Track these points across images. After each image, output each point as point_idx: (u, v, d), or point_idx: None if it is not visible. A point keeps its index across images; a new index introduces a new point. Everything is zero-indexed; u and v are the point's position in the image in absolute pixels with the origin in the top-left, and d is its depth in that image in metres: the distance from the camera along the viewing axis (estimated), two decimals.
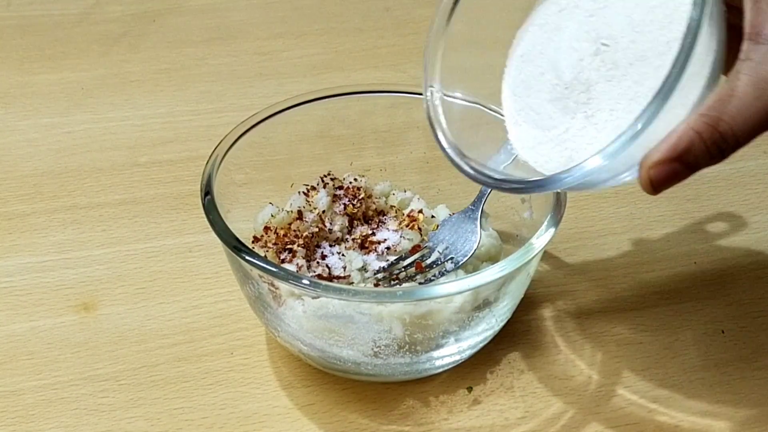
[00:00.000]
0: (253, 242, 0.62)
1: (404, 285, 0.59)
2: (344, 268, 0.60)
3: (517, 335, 0.63)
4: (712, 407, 0.59)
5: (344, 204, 0.64)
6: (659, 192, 0.47)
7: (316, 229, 0.62)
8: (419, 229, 0.63)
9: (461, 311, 0.56)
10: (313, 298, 0.55)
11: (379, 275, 0.60)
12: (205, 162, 0.61)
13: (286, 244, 0.61)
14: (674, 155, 0.46)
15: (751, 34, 0.46)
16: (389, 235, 0.63)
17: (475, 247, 0.61)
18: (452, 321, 0.56)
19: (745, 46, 0.46)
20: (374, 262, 0.61)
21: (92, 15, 0.98)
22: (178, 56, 0.92)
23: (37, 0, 1.00)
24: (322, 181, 0.65)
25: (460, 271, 0.60)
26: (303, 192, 0.65)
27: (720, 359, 0.62)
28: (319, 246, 0.62)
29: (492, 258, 0.62)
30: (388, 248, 0.62)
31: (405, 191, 0.67)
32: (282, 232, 0.62)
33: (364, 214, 0.65)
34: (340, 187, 0.65)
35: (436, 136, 0.55)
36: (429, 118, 0.55)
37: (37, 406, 0.59)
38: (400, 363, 0.57)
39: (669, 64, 0.44)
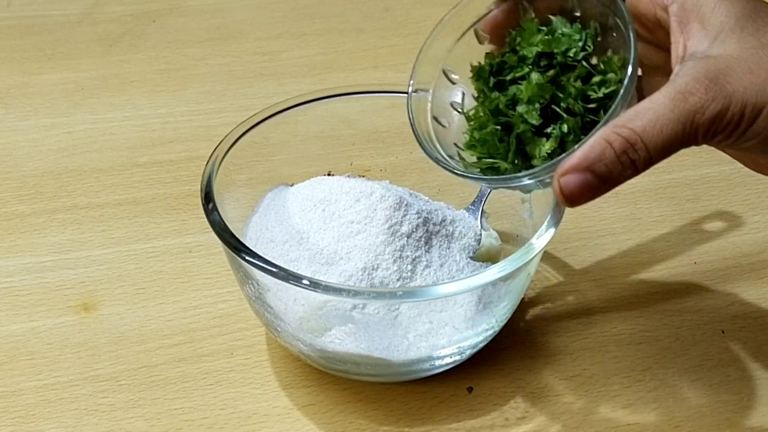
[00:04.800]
0: None
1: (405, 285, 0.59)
2: None
3: (517, 335, 0.63)
4: (712, 407, 0.59)
5: None
6: (576, 205, 0.47)
7: None
8: None
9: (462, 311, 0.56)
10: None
11: None
12: (205, 162, 0.61)
13: None
14: (585, 164, 0.45)
15: (682, 57, 0.47)
16: None
17: (476, 246, 0.61)
18: (453, 321, 0.57)
19: (675, 69, 0.47)
20: None
21: (92, 15, 0.98)
22: (178, 56, 0.92)
23: (37, 0, 1.00)
24: None
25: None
26: None
27: (720, 359, 0.62)
28: None
29: (492, 258, 0.62)
30: None
31: None
32: None
33: None
34: None
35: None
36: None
37: (37, 406, 0.59)
38: (401, 363, 0.57)
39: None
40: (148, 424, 0.58)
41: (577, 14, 0.53)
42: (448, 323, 0.57)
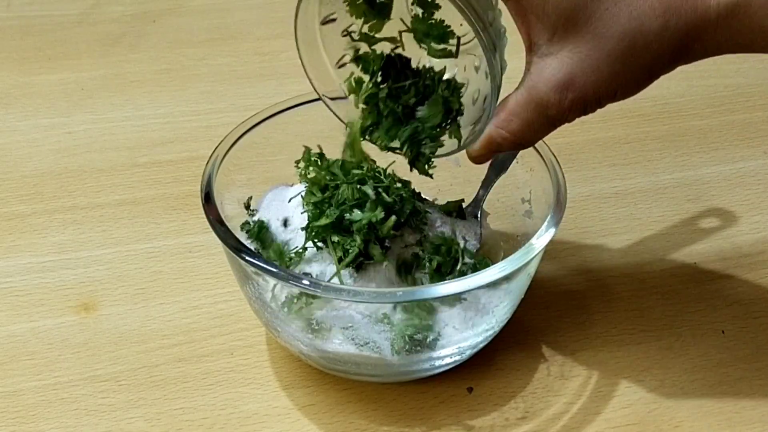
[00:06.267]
0: None
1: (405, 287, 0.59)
2: None
3: (517, 335, 0.63)
4: (712, 407, 0.59)
5: None
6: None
7: None
8: None
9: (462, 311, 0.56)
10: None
11: None
12: (205, 162, 0.61)
13: None
14: (485, 151, 0.54)
15: (529, 46, 0.50)
16: None
17: (477, 246, 0.61)
18: (453, 321, 0.56)
19: (527, 57, 0.50)
20: None
21: (92, 15, 0.98)
22: (178, 56, 0.92)
23: (37, 0, 1.00)
24: None
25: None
26: None
27: (720, 359, 0.63)
28: None
29: (492, 258, 0.62)
30: None
31: None
32: None
33: None
34: None
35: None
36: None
37: (38, 406, 0.59)
38: (401, 363, 0.57)
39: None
40: (148, 425, 0.58)
41: None
42: (448, 323, 0.57)
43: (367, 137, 0.58)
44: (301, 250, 0.58)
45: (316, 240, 0.57)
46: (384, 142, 0.57)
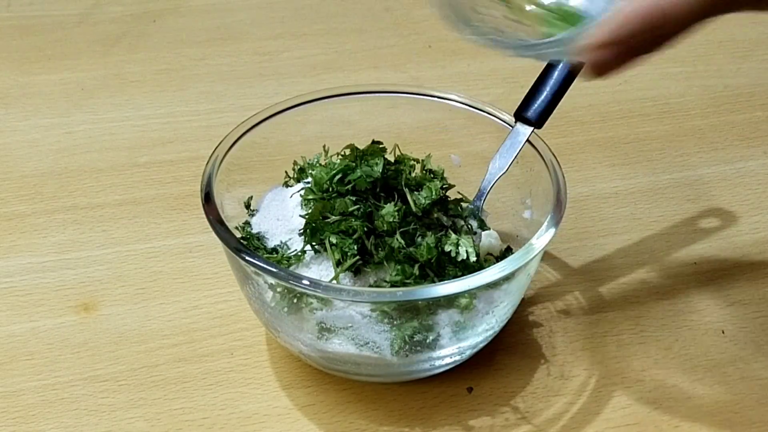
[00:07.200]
0: None
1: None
2: None
3: (517, 335, 0.63)
4: (712, 407, 0.59)
5: None
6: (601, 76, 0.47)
7: None
8: None
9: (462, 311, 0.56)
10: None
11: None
12: (205, 162, 0.61)
13: None
14: (617, 38, 0.45)
15: None
16: None
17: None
18: (453, 321, 0.57)
19: None
20: None
21: (92, 15, 0.98)
22: (178, 56, 0.92)
23: (37, 0, 1.00)
24: None
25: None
26: None
27: (720, 359, 0.63)
28: None
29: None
30: None
31: None
32: None
33: None
34: None
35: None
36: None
37: (37, 406, 0.59)
38: (401, 363, 0.57)
39: None
40: (148, 424, 0.58)
41: None
42: (448, 323, 0.57)
43: None
44: (300, 253, 0.58)
45: (314, 243, 0.57)
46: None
